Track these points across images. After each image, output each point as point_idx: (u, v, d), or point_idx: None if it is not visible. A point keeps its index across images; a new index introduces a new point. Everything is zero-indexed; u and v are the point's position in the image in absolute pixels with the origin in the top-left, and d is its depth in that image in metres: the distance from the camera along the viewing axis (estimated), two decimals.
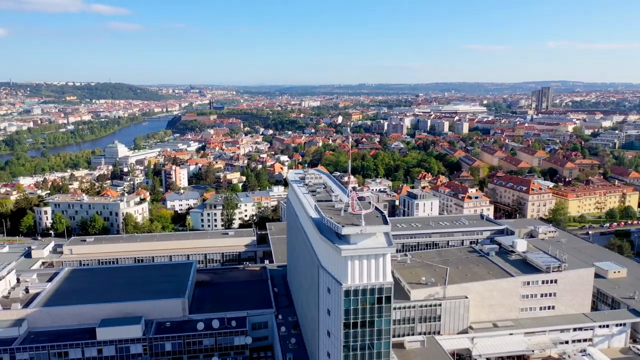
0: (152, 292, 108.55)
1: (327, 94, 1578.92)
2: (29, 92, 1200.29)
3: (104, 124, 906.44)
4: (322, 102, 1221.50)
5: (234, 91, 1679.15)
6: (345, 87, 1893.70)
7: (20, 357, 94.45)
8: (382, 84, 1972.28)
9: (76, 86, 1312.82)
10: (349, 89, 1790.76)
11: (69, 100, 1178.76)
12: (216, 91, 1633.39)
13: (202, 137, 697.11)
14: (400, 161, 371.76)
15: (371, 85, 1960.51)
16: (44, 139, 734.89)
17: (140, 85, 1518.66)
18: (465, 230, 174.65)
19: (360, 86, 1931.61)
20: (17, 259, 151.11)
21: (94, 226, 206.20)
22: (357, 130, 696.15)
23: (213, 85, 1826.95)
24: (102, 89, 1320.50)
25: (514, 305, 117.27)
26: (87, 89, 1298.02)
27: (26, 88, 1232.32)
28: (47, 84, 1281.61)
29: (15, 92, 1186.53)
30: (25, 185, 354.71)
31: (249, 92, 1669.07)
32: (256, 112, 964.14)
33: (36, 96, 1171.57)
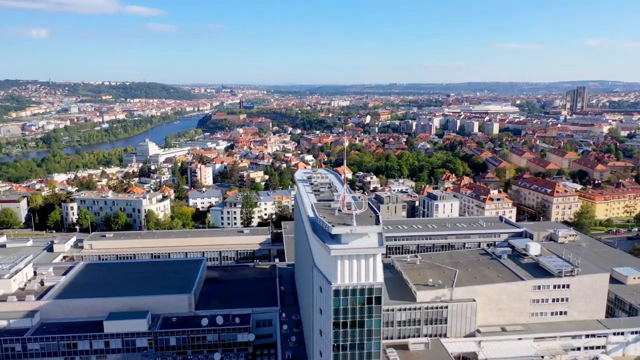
0: (160, 288, 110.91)
1: (357, 93, 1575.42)
2: (67, 92, 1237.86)
3: (137, 122, 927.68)
4: (352, 102, 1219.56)
5: (264, 91, 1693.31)
6: (375, 87, 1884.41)
7: (32, 347, 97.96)
8: (414, 84, 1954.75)
9: (112, 85, 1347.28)
10: (380, 89, 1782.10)
11: (105, 99, 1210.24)
12: (247, 90, 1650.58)
13: (231, 136, 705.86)
14: (424, 162, 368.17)
15: (402, 85, 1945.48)
16: (79, 137, 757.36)
17: (174, 84, 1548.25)
18: (482, 233, 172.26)
19: (391, 86, 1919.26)
20: (39, 252, 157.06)
21: (117, 222, 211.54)
22: (385, 130, 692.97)
23: (244, 85, 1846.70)
24: (137, 88, 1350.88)
25: (524, 310, 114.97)
26: (122, 89, 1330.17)
27: (64, 87, 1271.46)
28: (84, 83, 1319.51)
29: (54, 92, 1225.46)
30: (58, 181, 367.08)
31: (280, 92, 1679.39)
32: (285, 111, 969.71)
33: (74, 95, 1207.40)
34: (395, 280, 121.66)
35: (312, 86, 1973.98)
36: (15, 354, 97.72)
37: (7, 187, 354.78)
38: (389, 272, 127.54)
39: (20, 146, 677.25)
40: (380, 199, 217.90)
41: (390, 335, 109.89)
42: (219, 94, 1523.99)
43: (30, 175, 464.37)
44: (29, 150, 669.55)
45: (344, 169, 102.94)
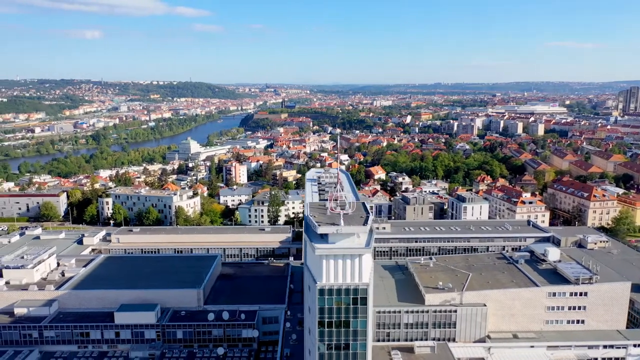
0: (172, 282, 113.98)
1: (400, 93, 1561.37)
2: (118, 91, 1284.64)
3: (182, 121, 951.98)
4: (394, 102, 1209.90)
5: (308, 90, 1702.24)
6: (420, 87, 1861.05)
7: (48, 334, 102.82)
8: (459, 83, 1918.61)
9: (160, 85, 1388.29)
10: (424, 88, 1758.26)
11: (153, 98, 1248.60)
12: (290, 90, 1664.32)
13: (271, 135, 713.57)
14: (460, 163, 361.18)
15: (447, 85, 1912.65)
16: (127, 135, 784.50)
17: (219, 84, 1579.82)
18: (507, 237, 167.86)
19: (435, 85, 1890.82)
20: (69, 245, 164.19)
21: (148, 217, 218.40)
22: (426, 130, 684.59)
23: (288, 84, 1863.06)
24: (184, 87, 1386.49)
25: (538, 317, 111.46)
26: (170, 88, 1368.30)
27: (115, 87, 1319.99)
28: (134, 82, 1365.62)
29: (106, 91, 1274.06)
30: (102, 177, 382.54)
31: (323, 91, 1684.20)
32: (326, 111, 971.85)
33: (124, 94, 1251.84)
34: (407, 282, 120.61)
35: (356, 86, 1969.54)
36: (33, 340, 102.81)
37: (56, 181, 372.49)
38: (402, 274, 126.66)
39: (72, 143, 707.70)
40: (406, 200, 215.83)
41: (397, 337, 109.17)
42: (263, 94, 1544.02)
43: (79, 171, 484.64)
44: (79, 147, 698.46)
45: (338, 174, 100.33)
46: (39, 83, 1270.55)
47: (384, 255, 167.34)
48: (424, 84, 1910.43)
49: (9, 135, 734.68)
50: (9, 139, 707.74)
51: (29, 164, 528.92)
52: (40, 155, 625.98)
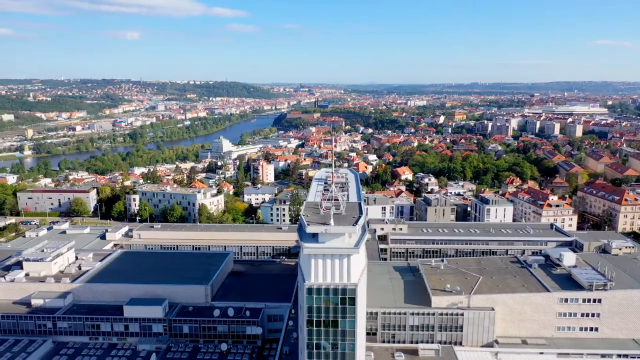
0: (181, 278, 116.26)
1: (436, 93, 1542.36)
2: (156, 90, 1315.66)
3: (216, 120, 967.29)
4: (429, 102, 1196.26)
5: (342, 90, 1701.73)
6: (456, 86, 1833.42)
7: (61, 325, 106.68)
8: (496, 83, 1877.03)
9: (196, 85, 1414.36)
10: (460, 88, 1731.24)
11: (189, 97, 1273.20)
12: (325, 90, 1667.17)
13: (303, 134, 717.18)
14: (490, 164, 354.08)
15: (484, 85, 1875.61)
16: (162, 133, 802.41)
17: (254, 83, 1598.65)
18: (527, 240, 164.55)
19: (472, 85, 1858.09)
20: (93, 239, 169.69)
21: (172, 214, 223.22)
22: (459, 130, 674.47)
23: (322, 84, 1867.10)
24: (219, 87, 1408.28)
25: (549, 323, 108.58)
26: (206, 87, 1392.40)
27: (154, 86, 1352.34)
28: (171, 82, 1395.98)
29: (145, 90, 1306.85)
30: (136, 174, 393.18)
31: (357, 91, 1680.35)
32: (359, 110, 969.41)
33: (162, 94, 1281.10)
34: (416, 284, 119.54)
35: (391, 85, 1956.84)
36: (47, 330, 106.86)
37: (92, 178, 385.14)
38: (412, 275, 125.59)
39: (110, 141, 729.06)
40: (428, 202, 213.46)
41: (402, 339, 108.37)
42: (297, 93, 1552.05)
43: (115, 168, 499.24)
44: (117, 145, 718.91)
45: (332, 174, 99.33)
46: (82, 83, 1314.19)
47: (400, 256, 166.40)
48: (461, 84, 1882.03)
49: (52, 133, 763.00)
50: (52, 136, 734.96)
51: (68, 161, 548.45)
52: (80, 153, 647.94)
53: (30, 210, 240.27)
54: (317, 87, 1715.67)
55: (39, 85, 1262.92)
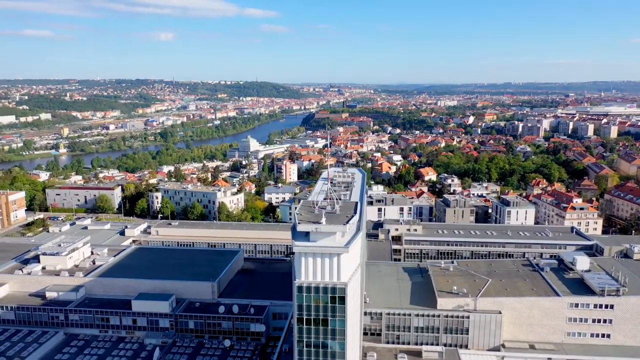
0: (189, 274, 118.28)
1: (467, 93, 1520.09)
2: (188, 90, 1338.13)
3: (245, 120, 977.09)
4: (460, 102, 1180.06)
5: (372, 90, 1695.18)
6: (488, 86, 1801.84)
7: (72, 317, 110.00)
8: (530, 83, 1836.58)
9: (227, 85, 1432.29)
10: (492, 88, 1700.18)
11: (220, 97, 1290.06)
12: (354, 90, 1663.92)
13: (330, 134, 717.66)
14: (516, 165, 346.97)
15: (518, 85, 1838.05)
16: (192, 133, 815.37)
17: (284, 83, 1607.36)
18: (545, 243, 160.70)
19: (505, 85, 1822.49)
20: (112, 235, 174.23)
21: (192, 212, 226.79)
22: (488, 131, 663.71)
23: (352, 84, 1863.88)
24: (250, 87, 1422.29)
25: (558, 328, 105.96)
26: (236, 87, 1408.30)
27: (186, 86, 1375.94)
28: (202, 82, 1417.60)
29: (177, 90, 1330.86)
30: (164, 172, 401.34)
31: (387, 91, 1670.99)
32: (388, 110, 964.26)
33: (193, 94, 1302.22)
34: (423, 285, 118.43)
35: (421, 85, 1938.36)
36: (59, 322, 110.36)
37: (122, 176, 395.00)
38: (421, 277, 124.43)
39: (141, 140, 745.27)
40: (447, 203, 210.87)
41: (407, 341, 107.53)
42: (327, 93, 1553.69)
43: (144, 166, 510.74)
44: (148, 143, 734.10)
45: (328, 174, 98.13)
46: (117, 83, 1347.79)
47: (414, 257, 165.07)
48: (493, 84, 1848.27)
49: (86, 131, 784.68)
50: (86, 135, 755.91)
51: (100, 159, 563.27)
52: (112, 151, 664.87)
53: (58, 206, 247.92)
54: (347, 87, 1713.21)
55: (76, 85, 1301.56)
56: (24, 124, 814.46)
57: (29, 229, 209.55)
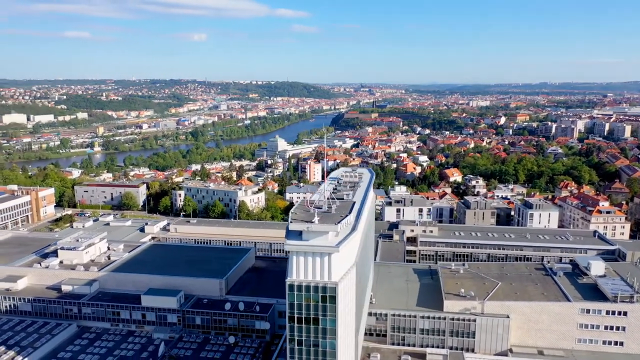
0: (199, 271, 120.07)
1: (501, 93, 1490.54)
2: (220, 90, 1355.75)
3: (275, 119, 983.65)
4: (493, 102, 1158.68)
5: (403, 90, 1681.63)
6: (523, 87, 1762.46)
7: (85, 310, 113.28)
8: (567, 83, 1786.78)
9: (258, 85, 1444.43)
10: (527, 88, 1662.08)
11: (251, 97, 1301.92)
12: (385, 90, 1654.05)
13: (359, 134, 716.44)
14: (545, 167, 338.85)
15: (554, 85, 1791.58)
16: (222, 132, 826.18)
17: (315, 83, 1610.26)
18: (565, 247, 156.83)
19: (540, 85, 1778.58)
20: (132, 232, 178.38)
21: (214, 210, 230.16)
22: (520, 132, 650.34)
23: (383, 84, 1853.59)
24: (281, 87, 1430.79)
25: (569, 334, 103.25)
26: (267, 87, 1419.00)
27: (218, 86, 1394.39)
28: (234, 82, 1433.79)
29: (209, 90, 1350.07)
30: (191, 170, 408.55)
31: (418, 91, 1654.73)
32: (418, 111, 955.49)
33: (225, 94, 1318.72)
34: (432, 287, 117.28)
35: (454, 85, 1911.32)
36: (73, 314, 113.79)
37: (152, 174, 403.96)
38: (430, 279, 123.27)
39: (173, 139, 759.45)
40: (467, 204, 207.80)
41: (412, 343, 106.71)
42: (357, 93, 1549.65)
43: (175, 165, 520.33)
44: (179, 142, 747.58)
45: (325, 176, 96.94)
46: (151, 83, 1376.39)
47: (429, 259, 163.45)
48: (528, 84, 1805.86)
49: (121, 130, 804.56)
50: (120, 134, 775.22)
51: (133, 157, 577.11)
52: (145, 150, 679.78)
53: (86, 202, 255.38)
54: (378, 87, 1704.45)
55: (112, 85, 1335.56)
56: (62, 122, 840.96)
57: (56, 225, 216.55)
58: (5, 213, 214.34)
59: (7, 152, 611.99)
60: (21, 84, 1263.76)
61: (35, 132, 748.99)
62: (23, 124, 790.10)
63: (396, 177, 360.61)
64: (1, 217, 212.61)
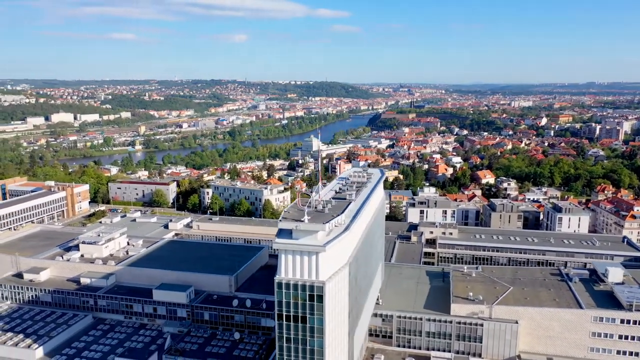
0: (211, 267, 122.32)
1: (545, 93, 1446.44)
2: (259, 90, 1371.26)
3: (312, 119, 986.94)
4: (536, 102, 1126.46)
5: (443, 90, 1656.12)
6: (569, 86, 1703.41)
7: (101, 302, 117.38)
8: (616, 83, 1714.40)
9: (297, 85, 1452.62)
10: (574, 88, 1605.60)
11: (290, 97, 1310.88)
12: (425, 90, 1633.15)
13: (394, 134, 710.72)
14: (583, 170, 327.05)
15: (602, 84, 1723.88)
16: (259, 132, 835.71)
17: (354, 83, 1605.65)
18: (590, 252, 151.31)
19: (588, 85, 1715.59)
20: (157, 228, 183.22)
21: (239, 208, 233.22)
22: (562, 134, 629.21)
23: (423, 84, 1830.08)
24: (319, 87, 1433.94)
25: (581, 343, 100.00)
26: (306, 87, 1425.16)
27: (257, 86, 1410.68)
28: (273, 82, 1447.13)
29: (248, 90, 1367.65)
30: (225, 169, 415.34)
31: (459, 91, 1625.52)
32: (456, 111, 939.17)
33: (264, 94, 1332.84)
34: (442, 290, 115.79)
35: (496, 85, 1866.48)
36: (89, 306, 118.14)
37: (188, 172, 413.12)
38: (441, 281, 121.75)
39: (211, 138, 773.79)
40: (493, 207, 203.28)
41: (418, 345, 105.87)
42: (396, 93, 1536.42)
43: (211, 163, 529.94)
44: (217, 141, 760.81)
45: (320, 178, 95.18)
46: (193, 83, 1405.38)
47: (448, 261, 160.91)
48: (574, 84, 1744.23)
49: (161, 130, 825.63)
50: (160, 133, 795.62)
51: (171, 155, 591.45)
52: (183, 149, 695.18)
53: (119, 199, 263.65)
54: (418, 87, 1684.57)
55: (155, 85, 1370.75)
56: (106, 122, 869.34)
57: (89, 220, 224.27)
58: (42, 208, 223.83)
59: (54, 150, 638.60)
60: (71, 84, 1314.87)
61: (82, 130, 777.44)
62: (70, 122, 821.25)
63: (427, 178, 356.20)
64: (38, 212, 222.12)
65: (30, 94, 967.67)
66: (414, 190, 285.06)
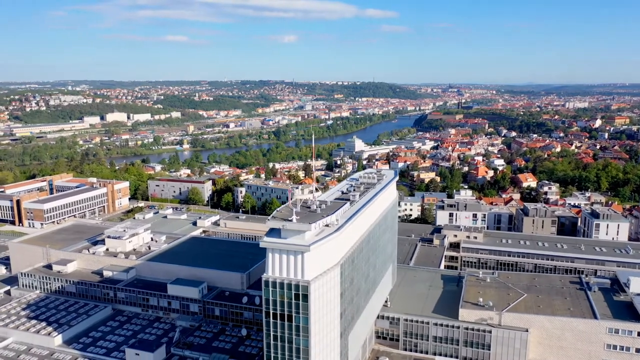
0: (225, 264, 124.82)
1: (603, 94, 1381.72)
2: (306, 91, 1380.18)
3: (357, 120, 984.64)
4: (592, 104, 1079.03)
5: (494, 90, 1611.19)
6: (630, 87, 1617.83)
7: (120, 295, 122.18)
8: None
9: (344, 85, 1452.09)
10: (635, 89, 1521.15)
11: (336, 97, 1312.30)
12: (475, 90, 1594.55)
13: (440, 136, 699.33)
14: (632, 175, 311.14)
15: None
16: (304, 132, 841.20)
17: (401, 84, 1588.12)
18: (622, 261, 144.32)
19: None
20: (185, 225, 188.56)
21: (271, 207, 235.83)
22: (617, 136, 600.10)
23: (473, 84, 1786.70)
24: (366, 87, 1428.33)
25: (595, 354, 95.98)
26: (353, 88, 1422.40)
27: (304, 87, 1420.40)
28: (320, 83, 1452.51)
29: (296, 91, 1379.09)
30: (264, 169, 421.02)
31: (511, 92, 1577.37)
32: (506, 112, 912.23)
33: (311, 94, 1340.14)
34: (454, 295, 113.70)
35: (551, 85, 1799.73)
36: (109, 298, 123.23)
37: (231, 171, 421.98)
38: (455, 286, 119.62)
39: (256, 138, 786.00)
40: (525, 211, 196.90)
41: (424, 350, 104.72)
42: (445, 94, 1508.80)
43: (254, 163, 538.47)
44: (262, 141, 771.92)
45: (314, 179, 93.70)
46: (242, 84, 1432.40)
47: (471, 265, 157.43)
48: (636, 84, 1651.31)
49: (209, 129, 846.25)
50: (208, 132, 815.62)
51: (217, 155, 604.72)
52: (229, 148, 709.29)
53: (157, 196, 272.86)
54: (467, 88, 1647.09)
55: (206, 86, 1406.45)
56: (157, 121, 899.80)
57: (127, 216, 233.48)
58: (84, 203, 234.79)
59: (107, 148, 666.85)
60: (126, 85, 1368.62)
61: (134, 129, 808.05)
62: (124, 122, 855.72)
63: (467, 180, 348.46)
64: (80, 207, 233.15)
65: (87, 94, 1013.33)
66: (450, 193, 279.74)
